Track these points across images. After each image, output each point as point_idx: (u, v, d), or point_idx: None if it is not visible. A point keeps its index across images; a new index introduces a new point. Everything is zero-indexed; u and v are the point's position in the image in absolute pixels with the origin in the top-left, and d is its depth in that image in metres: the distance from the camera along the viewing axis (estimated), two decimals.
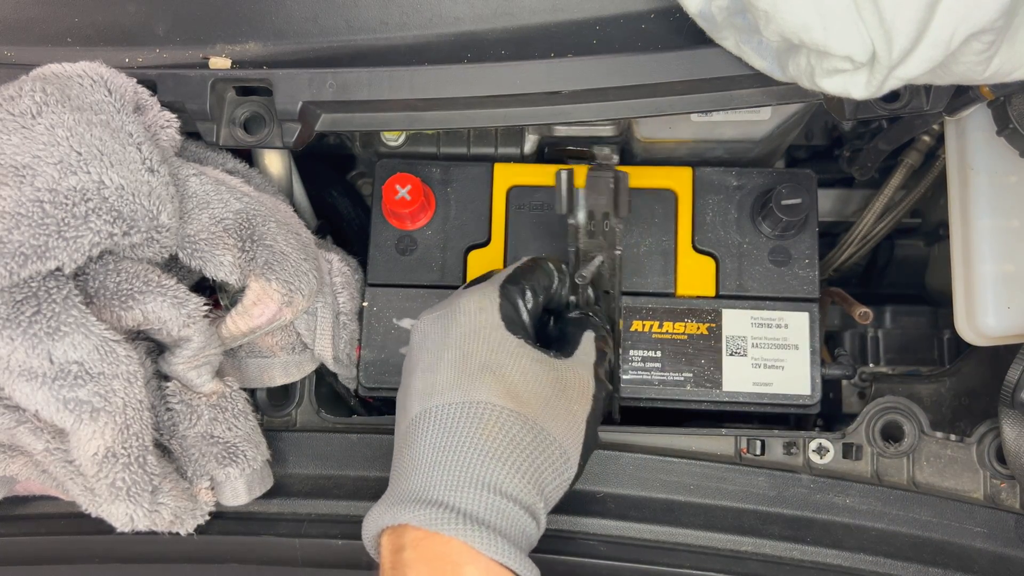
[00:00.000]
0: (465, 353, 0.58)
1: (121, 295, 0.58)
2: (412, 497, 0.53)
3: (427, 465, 0.54)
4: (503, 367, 0.57)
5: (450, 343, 0.58)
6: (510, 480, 0.54)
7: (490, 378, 0.56)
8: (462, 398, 0.56)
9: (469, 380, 0.56)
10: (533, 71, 0.64)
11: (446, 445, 0.54)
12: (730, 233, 0.74)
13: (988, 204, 0.69)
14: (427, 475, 0.54)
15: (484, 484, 0.53)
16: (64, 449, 0.58)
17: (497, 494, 0.53)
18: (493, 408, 0.55)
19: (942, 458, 0.70)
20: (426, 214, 0.76)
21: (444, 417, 0.55)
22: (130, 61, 0.68)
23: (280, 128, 0.67)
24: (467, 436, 0.54)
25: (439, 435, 0.55)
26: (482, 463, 0.54)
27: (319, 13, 0.67)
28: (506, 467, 0.54)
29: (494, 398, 0.55)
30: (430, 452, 0.55)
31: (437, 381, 0.57)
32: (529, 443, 0.55)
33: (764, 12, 0.51)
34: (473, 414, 0.55)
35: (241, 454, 0.65)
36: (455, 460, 0.54)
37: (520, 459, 0.55)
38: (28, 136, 0.56)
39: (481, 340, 0.58)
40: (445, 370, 0.57)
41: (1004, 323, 0.69)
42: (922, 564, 0.66)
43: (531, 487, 0.55)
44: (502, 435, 0.55)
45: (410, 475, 0.55)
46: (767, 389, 0.72)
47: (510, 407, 0.56)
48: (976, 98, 0.66)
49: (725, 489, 0.70)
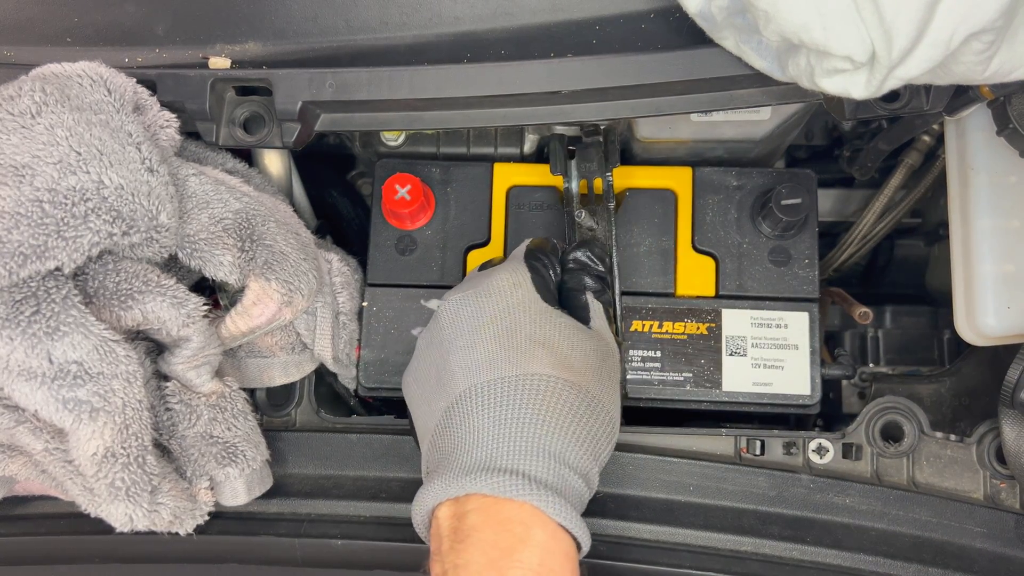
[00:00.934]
0: (509, 328, 0.58)
1: (120, 295, 0.58)
2: (479, 467, 0.54)
3: (491, 437, 0.55)
4: (551, 339, 0.58)
5: (487, 320, 0.59)
6: (571, 449, 0.55)
7: (541, 350, 0.57)
8: (515, 371, 0.56)
9: (519, 354, 0.57)
10: (533, 71, 0.64)
11: (508, 418, 0.55)
12: (730, 233, 0.74)
13: (988, 204, 0.69)
14: (493, 446, 0.55)
15: (550, 453, 0.54)
16: (63, 449, 0.58)
17: (560, 463, 0.55)
18: (549, 379, 0.56)
19: (942, 458, 0.70)
20: (426, 214, 0.76)
21: (500, 391, 0.56)
22: (130, 61, 0.68)
23: (280, 128, 0.67)
24: (529, 408, 0.55)
25: (498, 409, 0.56)
26: (546, 433, 0.55)
27: (319, 13, 0.67)
28: (567, 437, 0.55)
29: (549, 370, 0.57)
30: (491, 425, 0.55)
31: (482, 356, 0.58)
32: (584, 412, 0.57)
33: (764, 12, 0.51)
34: (531, 386, 0.56)
35: (240, 454, 0.65)
36: (520, 432, 0.55)
37: (579, 428, 0.56)
38: (27, 136, 0.56)
39: (523, 313, 0.59)
40: (489, 345, 0.58)
41: (1004, 323, 0.69)
42: (922, 564, 0.66)
43: (589, 455, 0.56)
44: (561, 405, 0.56)
45: (473, 448, 0.55)
46: (767, 389, 0.72)
47: (565, 377, 0.57)
48: (976, 98, 0.66)
49: (725, 489, 0.70)
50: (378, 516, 0.70)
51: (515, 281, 0.61)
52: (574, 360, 0.58)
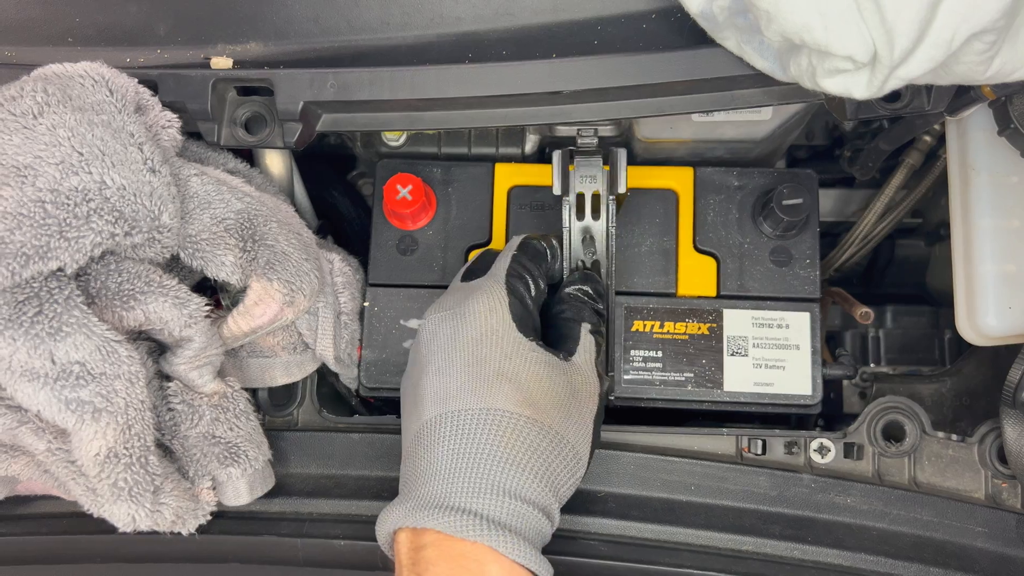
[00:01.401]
0: (479, 358, 0.58)
1: (123, 295, 0.58)
2: (434, 503, 0.55)
3: (448, 471, 0.55)
4: (518, 374, 0.58)
5: (461, 346, 0.59)
6: (528, 485, 0.55)
7: (507, 385, 0.57)
8: (479, 405, 0.56)
9: (486, 387, 0.57)
10: (534, 71, 0.64)
11: (466, 452, 0.55)
12: (731, 233, 0.74)
13: (989, 204, 0.69)
14: (449, 481, 0.55)
15: (504, 490, 0.54)
16: (66, 449, 0.58)
17: (516, 499, 0.55)
18: (511, 416, 0.56)
19: (943, 458, 0.70)
20: (427, 214, 0.76)
21: (462, 424, 0.56)
22: (131, 61, 0.68)
23: (281, 128, 0.67)
24: (487, 444, 0.55)
25: (458, 442, 0.56)
26: (502, 470, 0.55)
27: (320, 13, 0.67)
28: (525, 473, 0.55)
29: (511, 406, 0.56)
30: (450, 458, 0.56)
31: (451, 385, 0.58)
32: (546, 448, 0.57)
33: (765, 12, 0.51)
34: (492, 421, 0.56)
35: (243, 454, 0.65)
36: (476, 468, 0.55)
37: (538, 465, 0.56)
38: (30, 136, 0.56)
39: (494, 344, 0.58)
40: (459, 374, 0.58)
41: (1005, 323, 0.69)
42: (923, 564, 0.66)
43: (548, 490, 0.56)
44: (521, 442, 0.56)
45: (430, 480, 0.56)
46: (768, 389, 0.72)
47: (527, 414, 0.57)
48: (977, 98, 0.66)
49: (726, 489, 0.70)
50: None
51: (491, 306, 0.60)
52: (539, 397, 0.58)
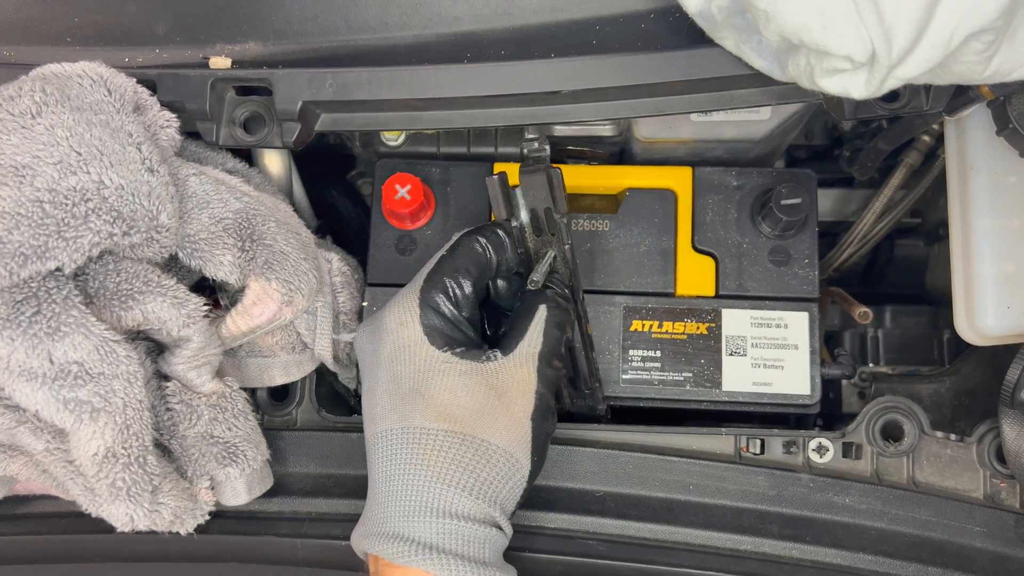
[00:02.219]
0: (395, 375, 0.58)
1: (121, 295, 0.58)
2: (376, 530, 0.56)
3: (383, 495, 0.56)
4: (431, 388, 0.57)
5: (380, 364, 0.59)
6: (459, 500, 0.55)
7: (421, 401, 0.57)
8: (399, 424, 0.57)
9: (403, 404, 0.57)
10: (533, 71, 0.64)
11: (394, 474, 0.56)
12: (730, 233, 0.74)
13: (988, 204, 0.69)
14: (383, 507, 0.56)
15: (435, 510, 0.54)
16: (64, 449, 0.58)
17: (449, 517, 0.54)
18: (428, 432, 0.56)
19: (942, 458, 0.70)
20: (426, 214, 0.76)
21: (388, 444, 0.57)
22: (130, 61, 0.68)
23: (280, 128, 0.67)
24: (409, 463, 0.56)
25: (387, 463, 0.57)
26: (429, 489, 0.55)
27: (319, 13, 0.67)
28: (453, 488, 0.55)
29: (427, 422, 0.56)
30: (383, 481, 0.57)
31: (376, 405, 0.59)
32: (471, 459, 0.56)
33: (764, 12, 0.51)
34: (411, 440, 0.56)
35: (241, 454, 0.65)
36: (403, 489, 0.55)
37: (465, 477, 0.55)
38: (28, 136, 0.56)
39: (406, 360, 0.58)
40: (381, 394, 0.58)
41: (1004, 323, 0.69)
42: (922, 564, 0.66)
43: (482, 501, 0.55)
44: (442, 457, 0.55)
45: (372, 504, 0.57)
46: (767, 389, 0.72)
47: (444, 428, 0.56)
48: (976, 98, 0.66)
49: (725, 488, 0.70)
50: None
51: (401, 321, 0.59)
52: (454, 407, 0.56)
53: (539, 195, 0.59)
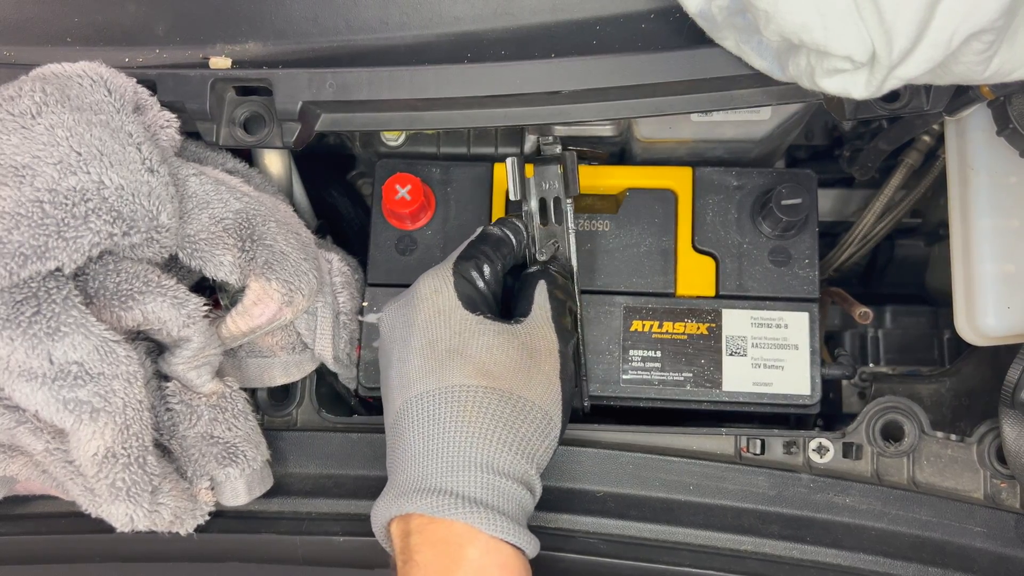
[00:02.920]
0: (431, 339, 0.59)
1: (121, 295, 0.58)
2: (412, 487, 0.55)
3: (421, 454, 0.56)
4: (468, 347, 0.58)
5: (415, 331, 0.60)
6: (501, 455, 0.55)
7: (459, 360, 0.58)
8: (437, 384, 0.57)
9: (440, 365, 0.58)
10: (533, 71, 0.64)
11: (434, 433, 0.56)
12: (730, 233, 0.74)
13: (988, 204, 0.69)
14: (423, 464, 0.56)
15: (477, 464, 0.55)
16: (64, 449, 0.58)
17: (491, 472, 0.55)
18: (468, 389, 0.57)
19: (942, 458, 0.70)
20: (426, 214, 0.76)
21: (425, 406, 0.57)
22: (130, 61, 0.68)
23: (280, 128, 0.67)
24: (452, 420, 0.56)
25: (425, 424, 0.57)
26: (471, 444, 0.55)
27: (319, 13, 0.67)
28: (494, 444, 0.56)
29: (467, 379, 0.57)
30: (420, 441, 0.56)
31: (411, 371, 0.59)
32: (510, 415, 0.57)
33: (764, 12, 0.51)
34: (452, 398, 0.57)
35: (241, 454, 0.65)
36: (445, 446, 0.55)
37: (506, 433, 0.56)
38: (28, 136, 0.56)
39: (442, 323, 0.59)
40: (415, 359, 0.59)
41: (1004, 323, 0.69)
42: (922, 564, 0.66)
43: (521, 458, 0.56)
44: (483, 413, 0.56)
45: (407, 466, 0.57)
46: (767, 389, 0.72)
47: (484, 384, 0.57)
48: (976, 98, 0.66)
49: (725, 488, 0.70)
50: None
51: (435, 287, 0.61)
52: (493, 365, 0.58)
53: (550, 185, 0.66)
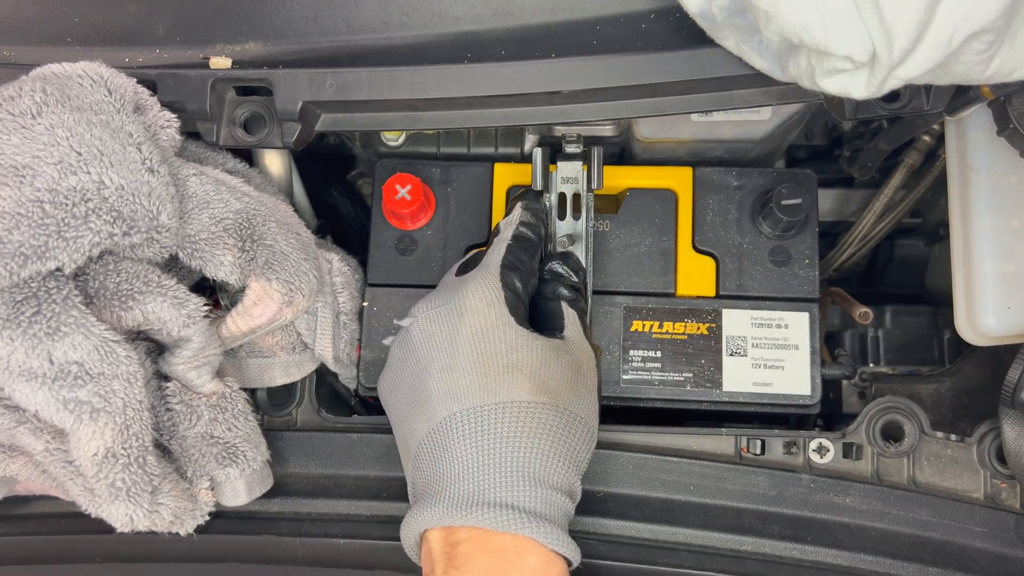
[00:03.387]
0: (484, 353, 0.59)
1: (121, 295, 0.58)
2: (469, 501, 0.55)
3: (477, 469, 0.56)
4: (528, 363, 0.59)
5: (463, 343, 0.59)
6: (555, 470, 0.57)
7: (518, 376, 0.58)
8: (494, 399, 0.57)
9: (496, 381, 0.58)
10: (533, 71, 0.64)
11: (491, 448, 0.56)
12: (730, 233, 0.74)
13: (988, 204, 0.69)
14: (480, 478, 0.56)
15: (535, 480, 0.56)
16: (64, 449, 0.58)
17: (546, 486, 0.56)
18: (528, 405, 0.57)
19: (942, 458, 0.70)
20: (426, 214, 0.76)
21: (481, 420, 0.57)
22: (130, 61, 0.68)
23: (280, 128, 0.67)
24: (510, 436, 0.56)
25: (481, 438, 0.56)
26: (529, 460, 0.56)
27: (319, 13, 0.67)
28: (550, 459, 0.57)
29: (525, 395, 0.57)
30: (476, 456, 0.56)
31: (460, 383, 0.58)
32: (563, 429, 0.58)
33: (764, 12, 0.51)
34: (510, 414, 0.57)
35: (241, 454, 0.65)
36: (504, 461, 0.56)
37: (560, 448, 0.57)
38: (28, 136, 0.56)
39: (497, 338, 0.59)
40: (466, 372, 0.58)
41: (1004, 323, 0.69)
42: (922, 564, 0.66)
43: (572, 470, 0.58)
44: (540, 429, 0.57)
45: (460, 479, 0.56)
46: (767, 389, 0.72)
47: (544, 400, 0.58)
48: (976, 98, 0.66)
49: (725, 489, 0.70)
50: (379, 515, 0.70)
51: (488, 300, 0.60)
52: (550, 381, 0.59)
53: (572, 181, 0.69)
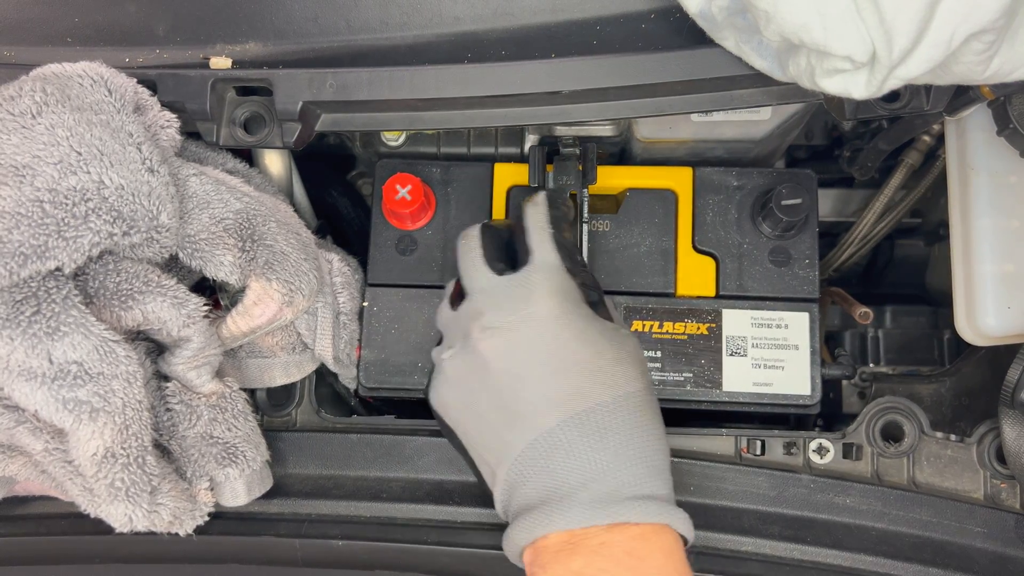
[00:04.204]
0: (592, 353, 0.58)
1: (121, 295, 0.58)
2: (609, 497, 0.55)
3: (617, 462, 0.56)
4: (631, 354, 0.59)
5: (564, 345, 0.58)
6: (662, 455, 0.58)
7: (628, 367, 0.58)
8: (610, 395, 0.57)
9: (609, 377, 0.58)
10: (533, 71, 0.64)
11: (620, 443, 0.56)
12: (730, 233, 0.74)
13: (988, 204, 0.69)
14: (614, 474, 0.56)
15: (658, 468, 0.57)
16: (63, 449, 0.58)
17: (664, 471, 0.58)
18: (639, 394, 0.58)
19: (942, 458, 0.70)
20: (426, 214, 0.76)
21: (601, 419, 0.56)
22: (130, 61, 0.68)
23: (280, 128, 0.67)
24: (634, 429, 0.57)
25: (608, 436, 0.56)
26: (653, 450, 0.57)
27: (319, 13, 0.67)
28: (659, 444, 0.58)
29: (638, 384, 0.58)
30: (607, 453, 0.56)
31: (569, 387, 0.57)
32: (657, 411, 0.60)
33: (764, 12, 0.51)
34: (628, 407, 0.57)
35: (240, 455, 0.65)
36: (633, 453, 0.56)
37: (661, 431, 0.59)
38: (28, 136, 0.56)
39: (596, 334, 0.59)
40: (573, 375, 0.57)
41: (1004, 323, 0.69)
42: (922, 564, 0.66)
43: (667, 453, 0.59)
44: (651, 416, 0.58)
45: (597, 477, 0.56)
46: (767, 389, 0.72)
47: (645, 386, 0.59)
48: (976, 98, 0.66)
49: (725, 489, 0.70)
50: (379, 516, 0.70)
51: (573, 298, 0.59)
52: (645, 368, 0.60)
53: (567, 179, 0.70)
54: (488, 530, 0.68)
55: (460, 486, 0.71)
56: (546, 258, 0.61)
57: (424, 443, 0.72)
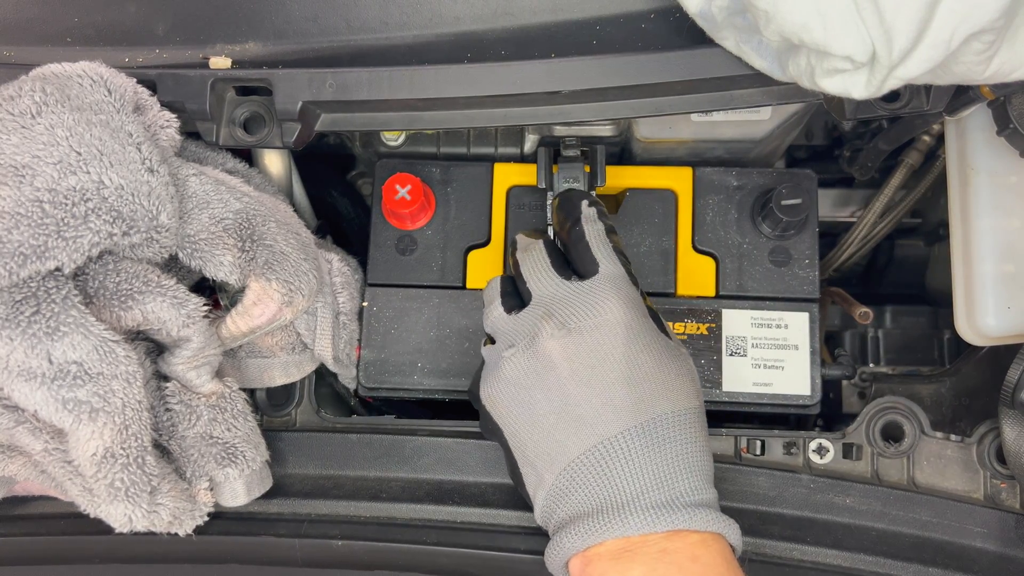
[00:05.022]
0: (656, 365, 0.59)
1: (120, 295, 0.58)
2: (678, 504, 0.56)
3: (669, 475, 0.57)
4: (689, 369, 0.61)
5: (635, 355, 0.58)
6: (711, 465, 0.60)
7: (687, 383, 0.60)
8: (671, 408, 0.58)
9: (672, 391, 0.59)
10: (533, 71, 0.64)
11: (679, 454, 0.57)
12: (730, 233, 0.74)
13: (988, 204, 0.69)
14: (673, 483, 0.57)
15: (709, 477, 0.59)
16: (63, 449, 0.58)
17: (713, 482, 0.59)
18: (697, 410, 0.60)
19: (942, 458, 0.70)
20: (426, 214, 0.76)
21: (663, 430, 0.57)
22: (130, 61, 0.68)
23: (280, 128, 0.67)
24: (692, 441, 0.58)
25: (669, 446, 0.57)
26: (707, 461, 0.59)
27: (319, 13, 0.67)
28: (711, 459, 0.60)
29: (695, 400, 0.60)
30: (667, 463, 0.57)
31: (633, 397, 0.57)
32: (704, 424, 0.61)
33: (764, 12, 0.51)
34: (686, 421, 0.59)
35: (240, 455, 0.65)
36: (690, 464, 0.58)
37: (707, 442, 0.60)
38: (28, 136, 0.55)
39: (662, 347, 0.60)
40: (640, 385, 0.58)
41: (1004, 323, 0.69)
42: (922, 564, 0.66)
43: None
44: (703, 429, 0.60)
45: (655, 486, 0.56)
46: (767, 389, 0.72)
47: (702, 405, 0.61)
48: (976, 98, 0.66)
49: (725, 489, 0.70)
50: (378, 516, 0.70)
51: (641, 311, 0.60)
52: (699, 384, 0.62)
53: (574, 181, 0.71)
54: (488, 531, 0.69)
55: (460, 486, 0.71)
56: (614, 270, 0.61)
57: (424, 443, 0.72)
